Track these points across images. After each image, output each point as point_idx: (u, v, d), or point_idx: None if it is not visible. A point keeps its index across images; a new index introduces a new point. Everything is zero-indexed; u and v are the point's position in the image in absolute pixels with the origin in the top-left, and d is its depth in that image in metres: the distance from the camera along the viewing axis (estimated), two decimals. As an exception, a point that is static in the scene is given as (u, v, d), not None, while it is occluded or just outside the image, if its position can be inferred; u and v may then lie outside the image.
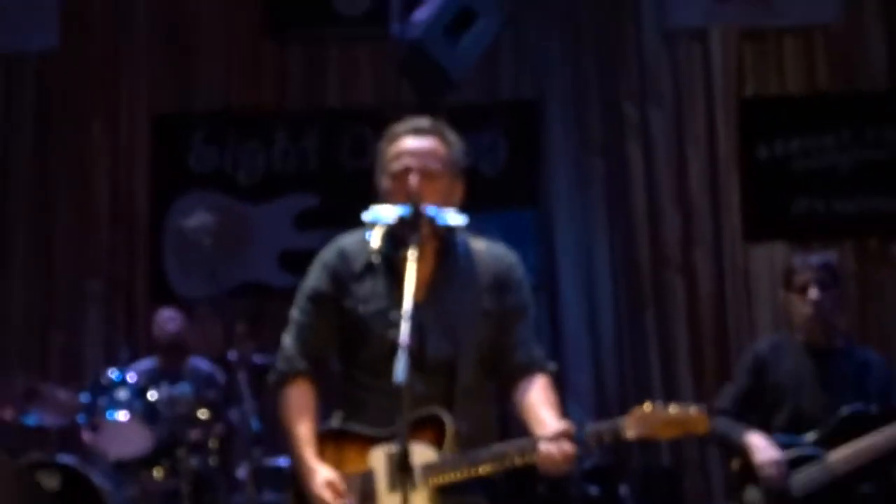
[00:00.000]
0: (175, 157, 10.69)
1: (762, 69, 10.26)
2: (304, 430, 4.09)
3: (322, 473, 3.97)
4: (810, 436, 5.52)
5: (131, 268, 10.57)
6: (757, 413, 5.77)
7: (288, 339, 4.24)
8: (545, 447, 3.81)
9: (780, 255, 9.58)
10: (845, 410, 5.51)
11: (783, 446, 5.54)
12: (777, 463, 5.47)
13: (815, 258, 5.70)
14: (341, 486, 3.95)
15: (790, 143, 10.07)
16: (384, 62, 10.01)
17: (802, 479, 5.46)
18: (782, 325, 7.35)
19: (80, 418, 7.91)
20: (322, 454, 4.04)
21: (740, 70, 10.27)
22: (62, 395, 8.08)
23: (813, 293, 5.60)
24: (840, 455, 5.43)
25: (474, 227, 4.25)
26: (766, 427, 5.67)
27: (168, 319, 8.98)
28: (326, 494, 3.93)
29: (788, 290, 5.76)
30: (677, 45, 10.39)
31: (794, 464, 5.49)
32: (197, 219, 9.01)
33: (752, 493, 5.63)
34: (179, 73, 10.79)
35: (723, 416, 5.80)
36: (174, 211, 10.42)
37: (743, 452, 5.62)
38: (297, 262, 4.36)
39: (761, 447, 5.55)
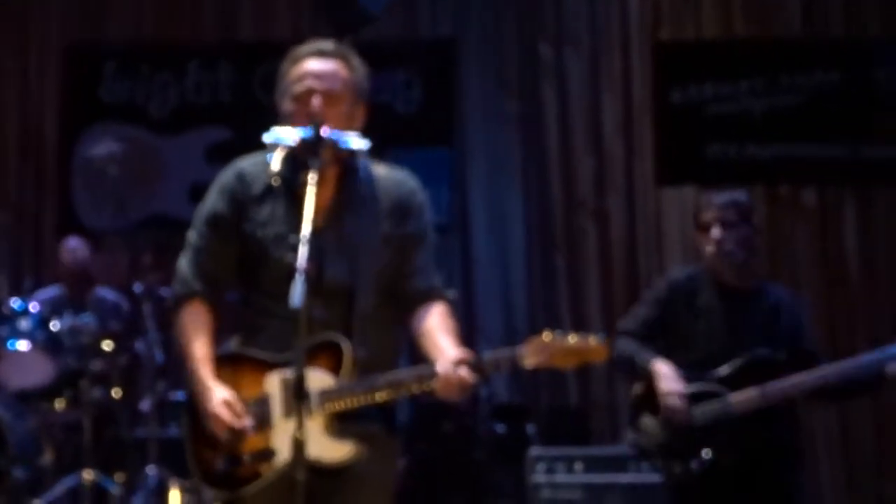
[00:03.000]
0: (85, 87, 10.56)
1: (678, 13, 10.27)
2: (200, 350, 4.04)
3: (219, 392, 3.92)
4: (715, 373, 5.51)
5: (39, 199, 10.45)
6: (663, 341, 5.73)
7: (184, 262, 4.17)
8: (443, 374, 3.78)
9: (692, 200, 9.59)
10: (753, 354, 5.50)
11: (687, 380, 5.53)
12: (680, 394, 5.46)
13: (721, 197, 5.64)
14: (238, 405, 3.90)
15: (704, 87, 10.10)
16: (300, -4, 9.96)
17: (701, 413, 5.46)
18: (692, 260, 7.40)
19: (-19, 347, 7.80)
20: (218, 377, 3.98)
21: (656, 13, 10.27)
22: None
23: (715, 232, 5.57)
24: (742, 397, 5.43)
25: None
26: (669, 358, 5.64)
27: (74, 248, 8.87)
28: (223, 412, 3.87)
29: (696, 230, 5.75)
30: (595, -13, 10.37)
31: (695, 398, 5.48)
32: (104, 147, 8.93)
33: (649, 421, 5.61)
34: (92, 3, 10.62)
35: (627, 338, 5.74)
36: (83, 142, 10.28)
37: (647, 378, 5.59)
38: (209, 196, 4.28)
39: (666, 376, 5.50)
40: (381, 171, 4.17)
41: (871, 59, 10.06)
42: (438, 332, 4.00)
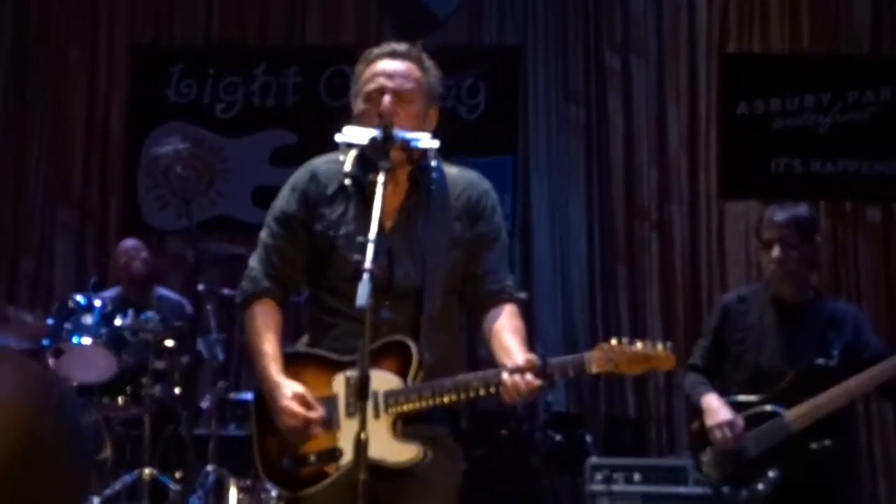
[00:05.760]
0: (153, 88, 10.66)
1: (746, 26, 10.23)
2: (268, 347, 4.03)
3: (290, 386, 3.91)
4: (769, 392, 5.47)
5: (104, 197, 10.55)
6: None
7: (255, 261, 4.20)
8: (509, 378, 3.76)
9: (755, 214, 9.54)
10: (806, 365, 5.46)
11: (743, 405, 5.50)
12: (727, 425, 5.43)
13: (782, 214, 5.55)
14: (310, 398, 3.89)
15: (770, 101, 10.05)
16: (367, 0, 9.97)
17: (758, 437, 5.42)
18: (755, 281, 7.35)
19: (45, 342, 7.84)
20: (285, 375, 3.98)
21: (724, 26, 10.24)
22: (28, 318, 8.00)
23: (776, 251, 5.53)
24: (797, 412, 5.38)
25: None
26: (729, 382, 5.62)
27: (129, 250, 8.87)
28: (294, 406, 3.86)
29: (759, 245, 5.71)
30: (662, -3, 10.35)
31: (755, 421, 5.45)
32: (170, 146, 8.99)
33: (706, 456, 5.60)
34: (161, 4, 10.72)
35: (693, 373, 5.76)
36: (149, 141, 10.36)
37: (700, 414, 5.60)
38: (271, 198, 4.29)
39: (712, 410, 5.50)
40: (453, 171, 4.17)
41: (938, 77, 10.00)
42: (507, 334, 4.00)
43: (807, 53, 10.18)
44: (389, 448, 3.83)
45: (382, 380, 3.82)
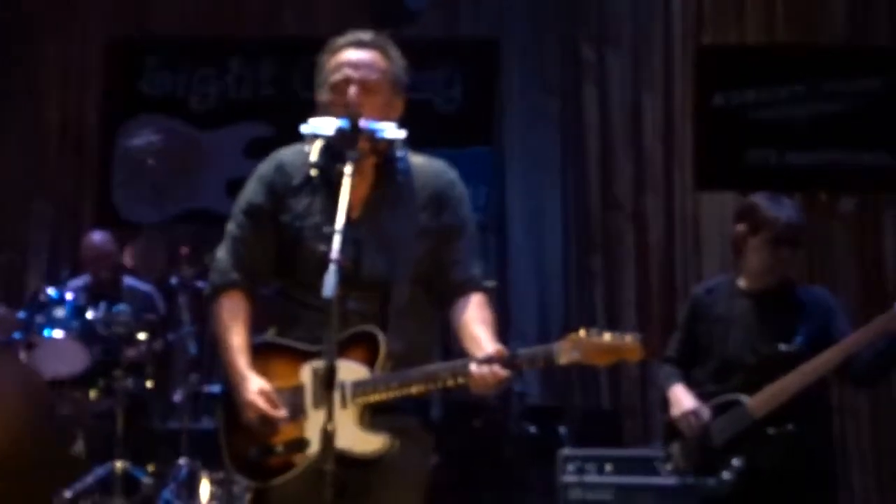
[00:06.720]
0: (127, 80, 10.63)
1: (721, 18, 10.23)
2: (236, 339, 4.03)
3: (255, 382, 3.92)
4: (734, 379, 5.47)
5: (78, 190, 10.51)
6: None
7: (222, 253, 4.18)
8: (477, 369, 3.75)
9: (731, 205, 9.52)
10: (766, 352, 5.44)
11: (709, 395, 5.50)
12: (692, 413, 5.43)
13: (792, 213, 5.47)
14: (273, 395, 3.90)
15: (746, 93, 10.04)
16: (343, -8, 9.97)
17: (722, 425, 5.42)
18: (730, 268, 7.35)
19: (17, 336, 7.82)
20: (254, 367, 3.98)
21: (699, 17, 10.23)
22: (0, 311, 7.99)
23: (786, 252, 5.49)
24: (757, 399, 5.37)
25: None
26: (699, 373, 5.62)
27: (94, 240, 8.85)
28: (259, 402, 3.87)
29: (754, 235, 5.60)
30: (637, -12, 10.35)
31: (720, 410, 5.45)
32: (143, 138, 8.97)
33: (675, 446, 5.61)
34: (136, -3, 10.69)
35: (667, 365, 5.76)
36: (123, 134, 10.32)
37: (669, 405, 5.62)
38: (246, 191, 4.28)
39: (677, 400, 5.51)
40: (419, 161, 4.16)
41: (913, 68, 10.01)
42: (475, 324, 3.99)
43: (782, 44, 10.18)
44: (356, 438, 3.82)
45: (350, 370, 3.81)
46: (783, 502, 5.41)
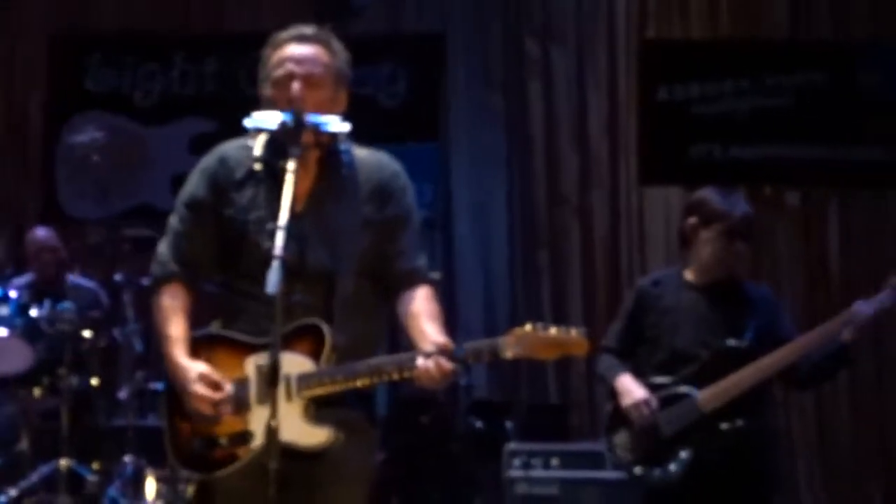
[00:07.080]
0: (71, 76, 10.57)
1: (665, 12, 10.29)
2: (174, 330, 4.02)
3: (195, 368, 3.90)
4: (683, 372, 5.48)
5: (22, 187, 10.45)
6: (640, 351, 5.71)
7: (164, 246, 4.17)
8: (423, 363, 3.75)
9: (676, 200, 9.63)
10: (718, 346, 5.46)
11: (657, 387, 5.50)
12: (643, 403, 5.44)
13: (742, 206, 5.49)
14: (216, 377, 3.88)
15: (690, 87, 10.10)
16: (286, -13, 9.94)
17: (670, 418, 5.43)
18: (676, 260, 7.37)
19: (-40, 334, 7.76)
20: (197, 359, 3.95)
21: (643, 12, 10.28)
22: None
23: (741, 246, 5.50)
24: (708, 393, 5.39)
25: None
26: (644, 364, 5.62)
27: (37, 237, 8.81)
28: (200, 388, 3.85)
29: (706, 227, 5.60)
30: (581, -17, 10.37)
31: (668, 402, 5.45)
32: (87, 135, 8.91)
33: (621, 436, 5.59)
34: (79, -7, 10.63)
35: (607, 355, 5.73)
36: (67, 130, 10.27)
37: (615, 395, 5.61)
38: (191, 187, 4.26)
39: (627, 390, 5.49)
40: (363, 154, 4.15)
41: (856, 62, 10.08)
42: (422, 317, 3.98)
43: (726, 39, 10.26)
44: (301, 431, 3.81)
45: (295, 363, 3.81)
46: (726, 496, 5.44)
